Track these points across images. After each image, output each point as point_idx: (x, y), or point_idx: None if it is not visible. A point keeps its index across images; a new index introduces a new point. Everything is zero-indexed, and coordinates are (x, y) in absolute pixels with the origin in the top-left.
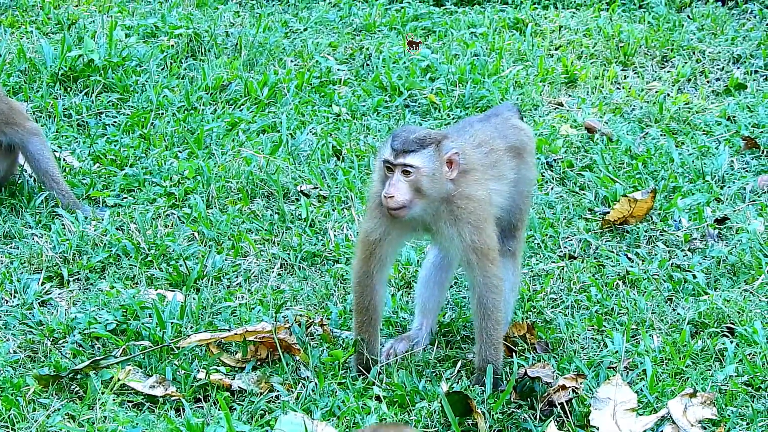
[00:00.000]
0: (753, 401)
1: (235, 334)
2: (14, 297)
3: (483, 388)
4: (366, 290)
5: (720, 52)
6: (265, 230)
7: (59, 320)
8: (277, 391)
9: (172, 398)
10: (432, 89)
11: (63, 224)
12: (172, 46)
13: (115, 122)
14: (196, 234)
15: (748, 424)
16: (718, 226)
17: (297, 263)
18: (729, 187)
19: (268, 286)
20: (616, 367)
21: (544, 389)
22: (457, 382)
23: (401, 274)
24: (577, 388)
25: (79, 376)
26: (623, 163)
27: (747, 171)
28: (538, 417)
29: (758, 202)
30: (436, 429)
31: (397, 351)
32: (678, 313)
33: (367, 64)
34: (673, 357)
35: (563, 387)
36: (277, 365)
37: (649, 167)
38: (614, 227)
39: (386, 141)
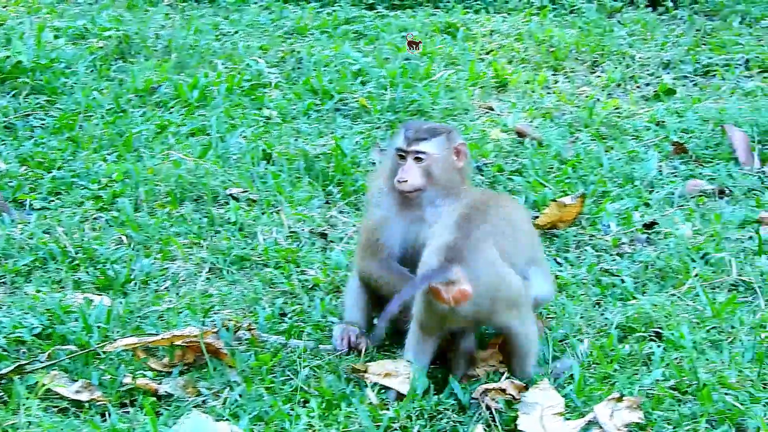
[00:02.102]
0: (679, 405)
1: (162, 338)
2: None
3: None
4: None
5: (650, 58)
6: (194, 234)
7: None
8: (204, 396)
9: (98, 403)
10: (363, 93)
11: None
12: (102, 48)
13: (42, 124)
14: (123, 237)
15: (674, 428)
16: (646, 231)
17: (225, 267)
18: (658, 191)
19: (196, 290)
20: (543, 372)
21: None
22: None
23: (330, 279)
24: (515, 397)
25: (3, 381)
26: (553, 168)
27: (675, 176)
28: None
29: (686, 207)
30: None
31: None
32: (606, 318)
33: (298, 68)
34: (601, 361)
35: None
36: (205, 370)
37: (579, 172)
38: (544, 232)
39: (397, 133)
